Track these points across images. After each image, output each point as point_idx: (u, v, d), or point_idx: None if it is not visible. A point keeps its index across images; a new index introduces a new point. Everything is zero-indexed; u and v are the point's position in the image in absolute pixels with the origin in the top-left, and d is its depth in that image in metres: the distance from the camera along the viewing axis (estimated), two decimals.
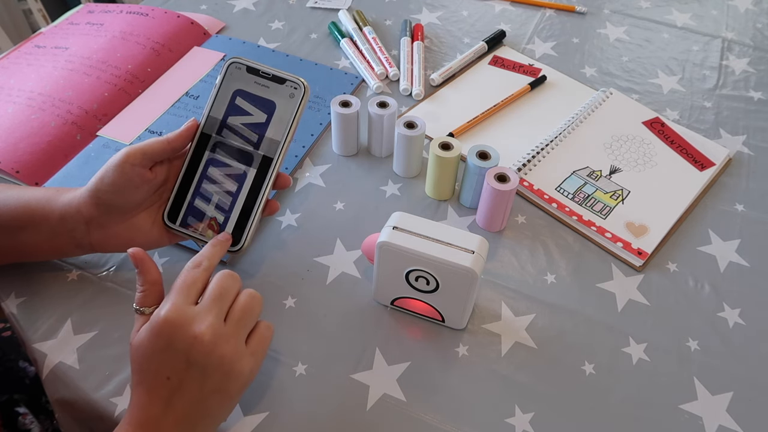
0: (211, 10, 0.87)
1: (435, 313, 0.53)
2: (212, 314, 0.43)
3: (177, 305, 0.43)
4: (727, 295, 0.58)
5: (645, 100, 0.77)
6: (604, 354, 0.53)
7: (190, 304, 0.43)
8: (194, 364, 0.42)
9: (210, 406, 0.43)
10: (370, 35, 0.81)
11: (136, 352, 0.43)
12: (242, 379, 0.44)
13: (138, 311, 0.45)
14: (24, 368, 0.66)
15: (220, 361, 0.43)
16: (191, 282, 0.44)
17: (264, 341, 0.47)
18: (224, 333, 0.43)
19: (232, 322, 0.44)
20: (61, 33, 0.80)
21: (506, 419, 0.49)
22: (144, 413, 0.42)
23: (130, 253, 0.45)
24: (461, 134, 0.70)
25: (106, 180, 0.49)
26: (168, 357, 0.42)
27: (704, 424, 0.49)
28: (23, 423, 0.63)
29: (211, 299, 0.44)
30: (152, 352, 0.42)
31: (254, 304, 0.46)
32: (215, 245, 0.49)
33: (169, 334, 0.42)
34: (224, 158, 0.52)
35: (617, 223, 0.62)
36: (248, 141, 0.52)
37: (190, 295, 0.44)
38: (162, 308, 0.43)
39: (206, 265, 0.46)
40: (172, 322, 0.42)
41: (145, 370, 0.43)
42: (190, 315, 0.43)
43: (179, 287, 0.44)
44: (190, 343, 0.42)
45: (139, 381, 0.43)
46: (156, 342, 0.42)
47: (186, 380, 0.42)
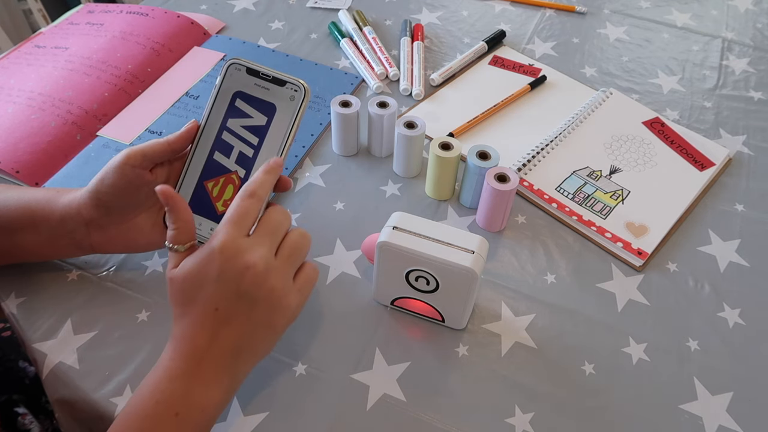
0: (211, 10, 0.87)
1: (435, 313, 0.53)
2: (265, 247, 0.43)
3: (231, 235, 0.43)
4: (727, 295, 0.58)
5: (645, 100, 0.77)
6: (604, 354, 0.53)
7: (243, 235, 0.43)
8: (244, 295, 0.42)
9: (255, 339, 0.44)
10: (370, 35, 0.81)
11: (182, 284, 0.43)
12: (288, 314, 0.45)
13: (171, 249, 0.45)
14: (24, 368, 0.66)
15: (270, 293, 0.43)
16: (245, 213, 0.44)
17: (310, 281, 0.47)
18: (275, 266, 0.43)
19: (282, 257, 0.44)
20: (61, 33, 0.80)
21: (506, 419, 0.49)
22: (188, 345, 0.42)
23: (159, 190, 0.44)
24: (461, 134, 0.70)
25: (106, 182, 0.49)
26: (219, 287, 0.42)
27: (704, 424, 0.49)
28: (23, 423, 0.63)
29: (264, 232, 0.44)
30: (202, 281, 0.42)
31: (304, 242, 0.46)
32: (268, 171, 0.47)
33: (221, 263, 0.42)
34: (223, 160, 0.52)
35: (617, 223, 0.62)
36: (248, 144, 0.52)
37: (244, 226, 0.44)
38: (215, 238, 0.43)
39: (260, 194, 0.45)
40: (226, 251, 0.42)
41: (192, 300, 0.43)
42: (243, 246, 0.43)
43: (232, 218, 0.44)
44: (242, 273, 0.42)
45: (183, 313, 0.43)
46: (207, 271, 0.42)
47: (234, 312, 0.42)
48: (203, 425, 0.42)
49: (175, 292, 0.44)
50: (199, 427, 0.42)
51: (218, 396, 0.43)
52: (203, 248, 0.43)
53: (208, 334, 0.42)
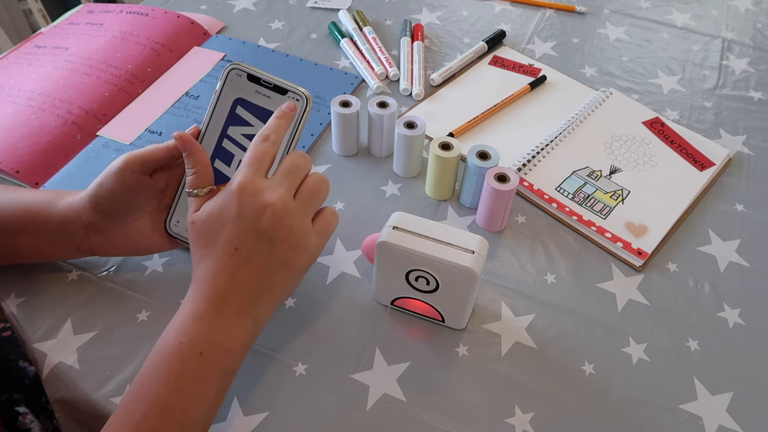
0: (211, 10, 0.87)
1: (435, 313, 0.53)
2: (283, 187, 0.44)
3: (249, 176, 0.43)
4: (727, 295, 0.58)
5: (645, 100, 0.77)
6: (604, 354, 0.53)
7: (261, 176, 0.44)
8: (263, 234, 0.43)
9: (275, 279, 0.44)
10: (370, 35, 0.81)
11: (202, 226, 0.44)
12: (308, 254, 0.45)
13: (191, 194, 0.45)
14: (24, 368, 0.66)
15: (289, 232, 0.43)
16: (261, 155, 0.45)
17: (329, 224, 0.47)
18: (294, 207, 0.44)
19: (301, 199, 0.45)
20: (61, 33, 0.80)
21: (506, 419, 0.49)
22: (209, 286, 0.43)
23: (175, 135, 0.45)
24: (461, 134, 0.70)
25: (105, 186, 0.49)
26: (238, 226, 0.43)
27: (704, 424, 0.49)
28: (23, 423, 0.63)
29: (282, 174, 0.45)
30: (222, 223, 0.43)
31: (323, 186, 0.47)
32: (281, 117, 0.47)
33: (240, 203, 0.42)
34: (224, 169, 0.52)
35: (617, 223, 0.62)
36: None
37: (262, 168, 0.44)
38: (234, 179, 0.43)
39: (274, 138, 0.46)
40: (245, 191, 0.43)
41: (212, 242, 0.43)
42: (262, 185, 0.43)
43: (250, 160, 0.44)
44: (261, 212, 0.42)
45: (203, 255, 0.43)
46: (227, 212, 0.43)
47: (254, 251, 0.43)
48: (228, 365, 0.43)
49: (195, 236, 0.44)
50: (224, 366, 0.43)
51: (242, 336, 0.43)
52: (223, 190, 0.44)
53: (229, 274, 0.43)
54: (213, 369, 0.42)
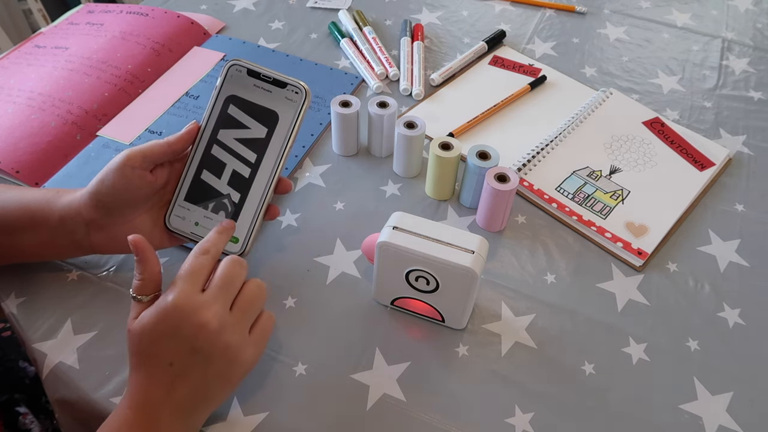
0: (211, 10, 0.87)
1: (435, 313, 0.53)
2: (219, 303, 0.44)
3: (185, 292, 0.43)
4: (727, 295, 0.58)
5: (645, 100, 0.77)
6: (604, 354, 0.53)
7: (197, 291, 0.44)
8: (199, 351, 0.42)
9: (210, 392, 0.44)
10: (370, 35, 0.81)
11: (137, 337, 0.43)
12: (244, 367, 0.45)
13: (135, 298, 0.45)
14: (24, 368, 0.66)
15: (225, 349, 0.43)
16: (199, 269, 0.45)
17: (266, 331, 0.47)
18: (230, 322, 0.44)
19: (237, 311, 0.45)
20: (61, 33, 0.80)
21: (506, 419, 0.49)
22: (144, 397, 0.43)
23: (131, 240, 0.45)
24: (461, 134, 0.70)
25: (106, 182, 0.49)
26: (173, 343, 0.43)
27: (704, 424, 0.49)
28: (23, 423, 0.63)
29: (218, 287, 0.44)
30: (157, 337, 0.43)
31: (260, 294, 0.47)
32: (221, 232, 0.49)
33: (175, 320, 0.42)
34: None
35: (617, 223, 0.62)
36: (249, 145, 0.52)
37: (198, 282, 0.44)
38: (169, 294, 0.43)
39: (213, 252, 0.46)
40: (180, 308, 0.42)
41: (147, 354, 0.43)
42: (197, 302, 0.43)
43: (187, 274, 0.44)
44: (197, 331, 0.42)
45: (139, 364, 0.43)
46: (162, 327, 0.43)
47: (189, 366, 0.43)
48: None
49: (131, 345, 0.44)
50: None
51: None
52: (158, 302, 0.44)
53: (163, 387, 0.43)
54: None
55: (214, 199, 0.52)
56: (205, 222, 0.52)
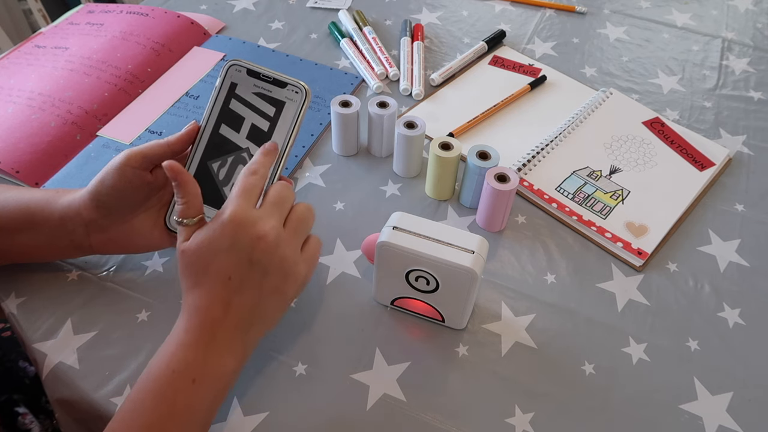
0: (211, 10, 0.87)
1: (435, 313, 0.53)
2: (274, 218, 0.45)
3: (241, 207, 0.44)
4: (727, 295, 0.58)
5: (645, 100, 0.77)
6: (604, 354, 0.53)
7: (252, 207, 0.45)
8: (257, 264, 0.43)
9: (266, 307, 0.45)
10: (370, 35, 0.81)
11: (194, 254, 0.44)
12: (298, 282, 0.46)
13: (180, 223, 0.45)
14: (24, 368, 0.66)
15: (281, 261, 0.44)
16: (251, 187, 0.45)
17: (316, 252, 0.49)
18: (285, 237, 0.45)
19: (290, 228, 0.46)
20: (61, 33, 0.80)
21: (506, 419, 0.49)
22: (203, 315, 0.43)
23: (166, 165, 0.45)
24: (461, 134, 0.70)
25: (106, 183, 0.49)
26: (231, 256, 0.43)
27: (704, 424, 0.49)
28: (23, 423, 0.63)
29: (272, 204, 0.46)
30: (215, 252, 0.43)
31: (309, 215, 0.48)
32: (266, 153, 0.49)
33: (233, 233, 0.43)
34: (225, 162, 0.52)
35: (617, 223, 0.62)
36: (249, 145, 0.52)
37: (252, 199, 0.45)
38: (226, 210, 0.44)
39: (262, 172, 0.47)
40: (238, 221, 0.43)
41: (204, 271, 0.44)
42: (254, 216, 0.44)
43: (240, 191, 0.45)
44: (254, 242, 0.43)
45: (195, 283, 0.44)
46: (220, 241, 0.43)
47: (247, 280, 0.43)
48: (219, 390, 0.44)
49: (187, 264, 0.44)
50: (215, 393, 0.44)
51: (233, 364, 0.44)
52: (214, 220, 0.44)
53: (222, 303, 0.43)
54: (205, 396, 0.43)
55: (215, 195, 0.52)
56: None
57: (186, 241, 0.45)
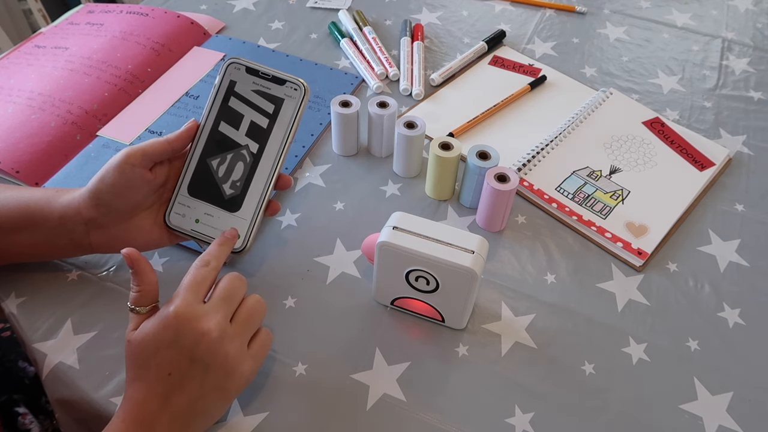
0: (211, 10, 0.87)
1: (435, 313, 0.53)
2: (220, 313, 0.44)
3: (187, 301, 0.43)
4: (727, 295, 0.58)
5: (645, 100, 0.77)
6: (604, 354, 0.53)
7: (199, 302, 0.44)
8: (198, 361, 0.42)
9: (207, 404, 0.44)
10: (370, 35, 0.81)
11: (137, 347, 0.43)
12: (242, 380, 0.45)
13: (133, 310, 0.45)
14: (24, 368, 0.66)
15: (224, 359, 0.43)
16: (200, 280, 0.45)
17: (265, 347, 0.47)
18: (230, 333, 0.44)
19: (237, 324, 0.45)
20: (61, 33, 0.80)
21: (506, 419, 0.49)
22: (140, 409, 0.42)
23: (124, 253, 0.45)
24: (461, 134, 0.70)
25: (106, 181, 0.49)
26: (173, 352, 0.42)
27: (704, 424, 0.49)
28: (23, 423, 0.63)
29: (220, 298, 0.45)
30: (157, 347, 0.43)
31: (260, 308, 0.47)
32: (222, 243, 0.49)
33: (176, 329, 0.42)
34: (224, 159, 0.52)
35: (617, 223, 0.62)
36: (248, 142, 0.52)
37: (199, 293, 0.44)
38: (171, 304, 0.43)
39: (214, 264, 0.47)
40: (182, 317, 0.42)
41: (146, 365, 0.43)
42: (199, 311, 0.43)
43: (189, 284, 0.44)
44: (198, 339, 0.42)
45: (137, 376, 0.43)
46: (163, 336, 0.42)
47: (187, 377, 0.42)
48: None
49: (130, 355, 0.44)
50: None
51: None
52: (160, 312, 0.43)
53: (160, 399, 0.42)
54: None
55: (215, 192, 0.52)
56: (205, 219, 0.52)
57: (134, 331, 0.44)
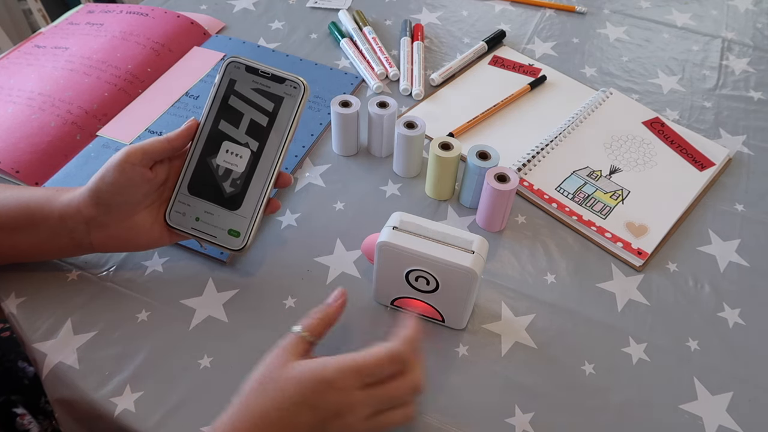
0: (211, 10, 0.87)
1: (435, 313, 0.53)
2: (369, 409, 0.43)
3: (348, 383, 0.42)
4: (727, 295, 0.58)
5: (645, 100, 0.77)
6: (604, 354, 0.53)
7: (357, 388, 0.43)
8: None
9: None
10: (370, 35, 0.81)
11: (286, 382, 0.42)
12: None
13: (299, 334, 0.45)
14: (23, 368, 0.66)
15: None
16: (377, 370, 0.43)
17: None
18: (363, 429, 0.43)
19: (376, 424, 0.44)
20: (61, 33, 0.80)
21: (506, 419, 0.49)
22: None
23: (342, 290, 0.48)
24: (461, 134, 0.70)
25: (106, 180, 0.49)
26: (310, 415, 0.42)
27: (704, 424, 0.49)
28: (21, 424, 0.62)
29: (377, 398, 0.43)
30: (303, 397, 0.42)
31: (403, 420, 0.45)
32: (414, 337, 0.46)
33: (325, 399, 0.42)
34: (224, 158, 0.52)
35: (617, 223, 0.62)
36: (248, 140, 0.52)
37: (362, 379, 0.43)
38: (338, 371, 0.42)
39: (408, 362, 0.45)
40: (337, 396, 0.42)
41: (278, 406, 0.42)
42: (354, 399, 0.42)
43: (357, 366, 0.43)
44: (335, 420, 0.42)
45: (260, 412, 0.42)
46: (311, 394, 0.42)
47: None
48: None
49: (266, 380, 0.43)
50: None
51: None
52: (321, 371, 0.42)
53: None
54: None
55: (214, 191, 0.52)
56: (205, 217, 0.52)
57: (295, 357, 0.44)
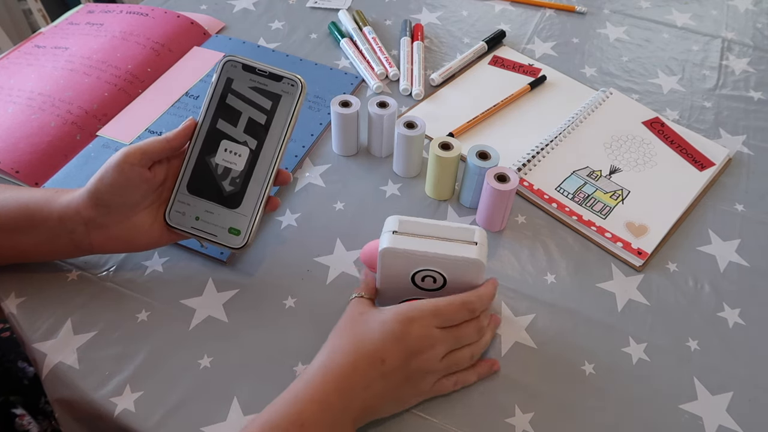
0: (211, 10, 0.87)
1: None
2: (446, 345, 0.47)
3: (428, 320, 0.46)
4: (727, 295, 0.58)
5: (645, 100, 0.77)
6: (604, 354, 0.53)
7: (436, 326, 0.47)
8: (407, 368, 0.46)
9: (385, 404, 0.47)
10: (370, 35, 0.81)
11: (373, 321, 0.46)
12: (422, 398, 0.48)
13: (361, 296, 0.50)
14: (23, 368, 0.66)
15: (427, 387, 0.47)
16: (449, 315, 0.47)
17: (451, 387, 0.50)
18: (440, 367, 0.47)
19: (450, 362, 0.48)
20: (61, 33, 0.80)
21: (506, 419, 0.49)
22: (346, 381, 0.44)
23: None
24: (461, 134, 0.70)
25: (105, 180, 0.49)
26: (399, 346, 0.45)
27: (704, 424, 0.49)
28: (20, 424, 0.62)
29: (454, 336, 0.48)
30: (390, 332, 0.45)
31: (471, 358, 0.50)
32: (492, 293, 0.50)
33: (409, 333, 0.45)
34: (223, 156, 0.52)
35: (617, 223, 0.62)
36: (246, 139, 0.52)
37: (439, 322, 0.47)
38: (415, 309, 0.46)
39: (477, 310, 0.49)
40: (420, 331, 0.46)
41: (368, 340, 0.46)
42: (435, 338, 0.47)
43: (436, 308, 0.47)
44: (419, 354, 0.46)
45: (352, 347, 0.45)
46: (396, 328, 0.45)
47: (392, 374, 0.45)
48: None
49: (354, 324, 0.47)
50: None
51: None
52: (410, 306, 0.47)
53: (364, 379, 0.45)
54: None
55: (214, 190, 0.52)
56: (205, 216, 0.52)
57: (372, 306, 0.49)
